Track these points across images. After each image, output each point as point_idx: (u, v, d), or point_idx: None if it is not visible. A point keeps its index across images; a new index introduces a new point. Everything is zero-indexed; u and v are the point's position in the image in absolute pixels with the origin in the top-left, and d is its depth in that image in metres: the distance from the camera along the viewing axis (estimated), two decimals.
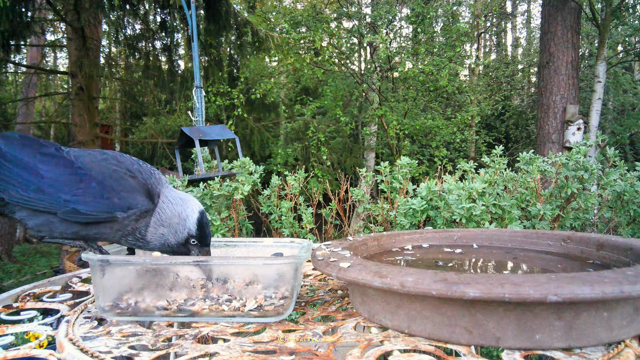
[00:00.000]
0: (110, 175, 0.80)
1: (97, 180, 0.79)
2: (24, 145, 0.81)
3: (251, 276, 0.78)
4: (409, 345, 0.63)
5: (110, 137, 7.30)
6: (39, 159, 0.80)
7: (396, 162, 2.12)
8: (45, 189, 0.77)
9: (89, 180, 0.79)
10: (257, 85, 8.15)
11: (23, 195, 0.77)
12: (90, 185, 0.78)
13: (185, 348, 0.63)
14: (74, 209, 0.76)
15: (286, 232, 2.19)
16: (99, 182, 0.79)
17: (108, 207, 0.78)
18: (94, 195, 0.78)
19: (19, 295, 0.94)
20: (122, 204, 0.78)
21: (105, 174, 0.80)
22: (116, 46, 8.37)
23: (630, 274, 0.57)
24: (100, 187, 0.78)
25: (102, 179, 0.79)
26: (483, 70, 11.65)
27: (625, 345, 0.60)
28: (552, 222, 1.85)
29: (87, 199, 0.77)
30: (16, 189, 0.77)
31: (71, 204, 0.76)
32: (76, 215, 0.77)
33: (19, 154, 0.79)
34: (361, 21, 8.19)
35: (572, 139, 5.10)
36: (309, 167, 8.11)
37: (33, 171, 0.78)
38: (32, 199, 0.77)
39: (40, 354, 0.62)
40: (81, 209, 0.77)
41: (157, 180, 0.85)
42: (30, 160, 0.79)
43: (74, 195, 0.77)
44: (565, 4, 5.24)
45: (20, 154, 0.79)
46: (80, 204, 0.77)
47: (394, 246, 1.06)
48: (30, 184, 0.77)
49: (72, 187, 0.78)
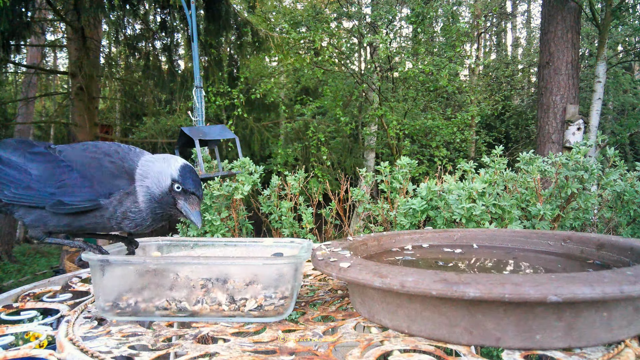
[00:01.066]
0: (89, 163, 0.82)
1: (79, 170, 0.81)
2: (16, 148, 0.84)
3: (251, 276, 0.78)
4: (409, 345, 0.63)
5: (110, 137, 7.30)
6: (27, 158, 0.82)
7: (396, 162, 2.12)
8: (33, 185, 0.80)
9: (70, 171, 0.81)
10: (257, 85, 8.16)
11: (16, 193, 0.79)
12: (72, 177, 0.80)
13: (185, 348, 0.63)
14: (59, 201, 0.78)
15: (286, 232, 2.19)
16: (80, 172, 0.80)
17: (90, 195, 0.79)
18: (77, 185, 0.79)
19: (19, 295, 0.94)
20: (103, 190, 0.79)
21: (85, 164, 0.82)
22: (116, 46, 8.38)
23: (630, 274, 0.57)
24: (82, 178, 0.80)
25: (82, 169, 0.81)
26: (483, 70, 11.65)
27: (625, 345, 0.59)
28: (552, 222, 1.85)
29: (71, 189, 0.79)
30: (9, 189, 0.80)
31: (56, 197, 0.79)
32: (62, 207, 0.78)
33: (11, 156, 0.83)
34: (361, 21, 8.19)
35: (572, 139, 5.10)
36: (309, 167, 8.11)
37: (23, 170, 0.81)
38: (24, 196, 0.79)
39: (40, 354, 0.62)
40: (65, 199, 0.78)
41: (135, 154, 0.85)
42: (20, 160, 0.82)
43: (59, 188, 0.79)
44: (565, 4, 5.24)
45: (12, 156, 0.83)
46: (65, 195, 0.79)
47: (394, 246, 1.06)
48: (21, 182, 0.80)
49: (56, 181, 0.80)
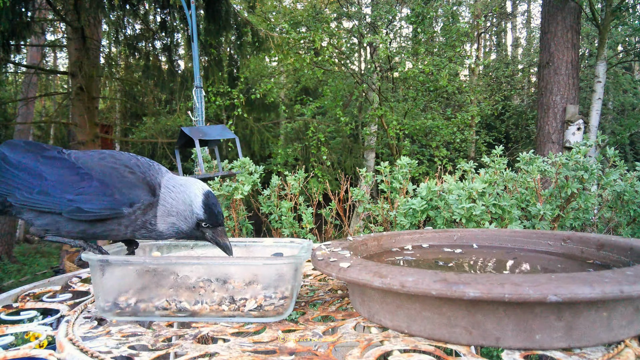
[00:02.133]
0: (110, 173, 0.81)
1: (99, 179, 0.80)
2: (27, 151, 0.84)
3: (251, 276, 0.78)
4: (409, 345, 0.63)
5: (110, 137, 7.30)
6: (41, 162, 0.82)
7: (396, 162, 2.12)
8: (49, 190, 0.79)
9: (90, 179, 0.80)
10: (257, 85, 8.16)
11: (28, 197, 0.79)
12: (92, 184, 0.80)
13: (185, 348, 0.63)
14: (78, 208, 0.78)
15: (286, 232, 2.19)
16: (101, 180, 0.80)
17: (111, 204, 0.79)
18: (96, 193, 0.79)
19: (19, 295, 0.94)
20: (125, 200, 0.79)
21: (106, 173, 0.81)
22: (116, 46, 8.37)
23: (630, 274, 0.57)
24: (103, 186, 0.80)
25: (102, 177, 0.81)
26: (483, 70, 11.65)
27: (625, 345, 0.59)
28: (552, 222, 1.85)
29: (90, 197, 0.79)
30: (21, 192, 0.79)
31: (75, 203, 0.78)
32: (80, 214, 0.78)
33: (23, 159, 0.82)
34: (361, 21, 8.19)
35: (572, 139, 5.10)
36: (309, 167, 8.11)
37: (36, 174, 0.80)
38: (37, 201, 0.79)
39: (40, 354, 0.62)
40: (85, 207, 0.78)
41: (156, 171, 0.86)
42: (33, 164, 0.81)
43: (77, 195, 0.79)
44: (565, 4, 5.24)
45: (23, 159, 0.82)
46: (84, 202, 0.78)
47: (394, 246, 1.06)
48: (34, 187, 0.79)
49: (75, 187, 0.79)
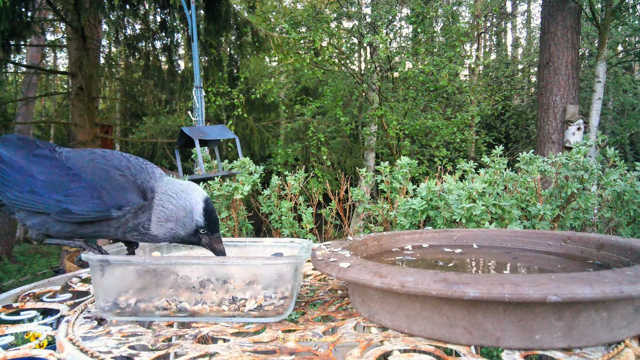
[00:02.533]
0: (100, 175, 0.80)
1: (88, 180, 0.79)
2: (19, 147, 0.82)
3: (251, 276, 0.78)
4: (409, 345, 0.63)
5: (110, 137, 7.29)
6: (32, 161, 0.80)
7: (396, 162, 2.12)
8: (38, 190, 0.78)
9: (79, 180, 0.79)
10: (257, 85, 8.16)
11: (19, 196, 0.78)
12: (81, 186, 0.78)
13: (185, 348, 0.63)
14: (66, 209, 0.77)
15: (286, 232, 2.19)
16: (89, 182, 0.79)
17: (99, 206, 0.78)
18: (84, 195, 0.78)
19: (19, 295, 0.94)
20: (113, 203, 0.78)
21: (95, 174, 0.80)
22: (116, 46, 8.38)
23: (630, 274, 0.57)
24: (91, 188, 0.79)
25: (91, 179, 0.79)
26: (483, 70, 11.65)
27: (625, 345, 0.59)
28: (552, 222, 1.85)
29: (78, 199, 0.78)
30: (12, 191, 0.78)
31: (63, 205, 0.77)
32: (68, 216, 0.77)
33: (14, 156, 0.80)
34: (361, 21, 8.19)
35: (572, 139, 5.10)
36: (309, 167, 8.12)
37: (27, 173, 0.79)
38: (27, 200, 0.78)
39: (40, 354, 0.62)
40: (73, 209, 0.77)
41: (150, 174, 0.84)
42: (24, 162, 0.80)
43: (66, 196, 0.78)
44: (565, 4, 5.23)
45: (15, 156, 0.80)
46: (72, 204, 0.77)
47: (394, 246, 1.06)
48: (24, 186, 0.78)
49: (63, 188, 0.78)
